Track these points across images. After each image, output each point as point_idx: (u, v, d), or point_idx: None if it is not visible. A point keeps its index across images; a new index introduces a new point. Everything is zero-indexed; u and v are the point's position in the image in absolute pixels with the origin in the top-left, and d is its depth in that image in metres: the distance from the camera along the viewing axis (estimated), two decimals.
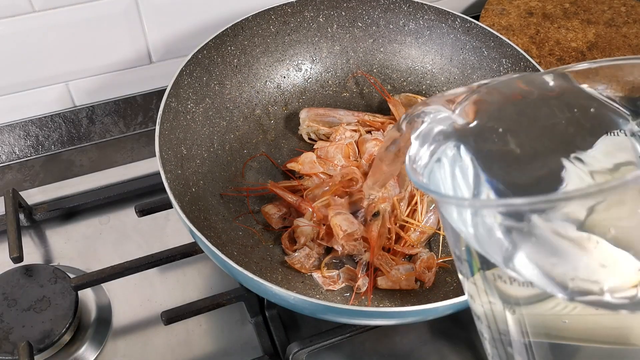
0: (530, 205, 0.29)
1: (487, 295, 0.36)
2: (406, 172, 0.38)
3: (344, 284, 0.67)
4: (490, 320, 0.37)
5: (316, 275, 0.67)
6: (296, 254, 0.68)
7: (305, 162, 0.75)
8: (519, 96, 0.40)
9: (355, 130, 0.79)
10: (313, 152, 0.77)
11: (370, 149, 0.76)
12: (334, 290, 0.67)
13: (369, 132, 0.80)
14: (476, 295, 0.37)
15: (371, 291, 0.66)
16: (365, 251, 0.68)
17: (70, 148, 0.89)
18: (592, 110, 0.37)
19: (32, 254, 0.77)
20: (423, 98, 0.84)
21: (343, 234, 0.67)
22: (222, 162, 0.77)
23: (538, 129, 0.38)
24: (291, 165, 0.76)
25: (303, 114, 0.81)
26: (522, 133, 0.38)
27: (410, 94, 0.84)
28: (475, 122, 0.39)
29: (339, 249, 0.68)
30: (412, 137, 0.40)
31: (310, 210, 0.70)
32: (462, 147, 0.38)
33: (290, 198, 0.72)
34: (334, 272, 0.68)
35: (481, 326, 0.39)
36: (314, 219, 0.70)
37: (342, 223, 0.67)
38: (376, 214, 0.70)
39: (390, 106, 0.82)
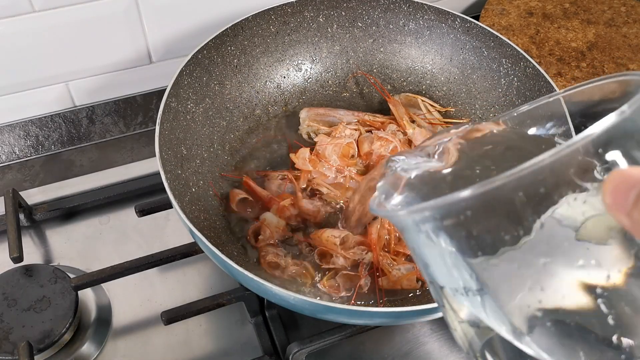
0: (482, 192, 0.27)
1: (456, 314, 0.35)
2: (369, 208, 0.37)
3: (350, 291, 0.67)
4: (466, 344, 0.36)
5: (321, 286, 0.67)
6: (270, 248, 0.68)
7: (299, 157, 0.75)
8: (496, 139, 0.38)
9: (355, 129, 0.79)
10: (313, 147, 0.77)
11: (377, 150, 0.76)
12: (342, 297, 0.67)
13: (369, 131, 0.80)
14: (451, 319, 0.36)
15: (378, 292, 0.66)
16: (366, 252, 0.68)
17: (70, 148, 0.89)
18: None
19: (32, 254, 0.77)
20: (423, 98, 0.84)
21: (340, 241, 0.66)
22: (222, 162, 0.77)
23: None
24: (291, 156, 0.77)
25: (303, 114, 0.81)
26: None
27: (410, 94, 0.84)
28: (450, 168, 0.37)
29: (341, 262, 0.67)
30: (381, 183, 0.38)
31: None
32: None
33: (261, 192, 0.73)
34: (333, 280, 0.67)
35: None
36: (281, 213, 0.70)
37: (333, 233, 0.67)
38: (375, 217, 0.70)
39: (391, 106, 0.82)
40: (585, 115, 0.37)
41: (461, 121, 0.83)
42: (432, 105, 0.83)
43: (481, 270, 0.31)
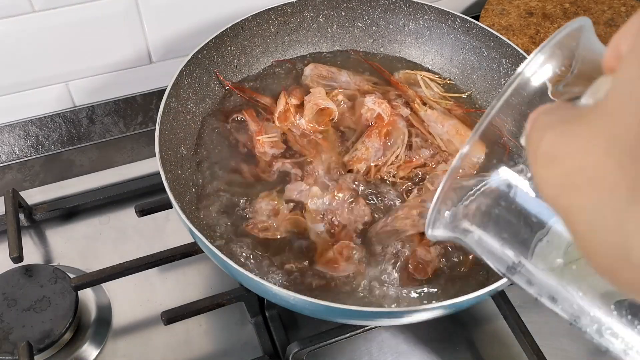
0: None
1: None
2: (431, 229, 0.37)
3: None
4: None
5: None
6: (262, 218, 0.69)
7: (277, 106, 0.77)
8: None
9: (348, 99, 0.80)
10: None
11: (364, 114, 0.77)
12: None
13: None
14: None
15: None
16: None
17: (70, 148, 0.89)
18: None
19: (32, 254, 0.77)
20: (423, 73, 0.84)
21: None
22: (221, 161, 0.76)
23: None
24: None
25: (307, 71, 0.82)
26: None
27: (408, 71, 0.84)
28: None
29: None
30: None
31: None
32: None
33: (252, 121, 0.76)
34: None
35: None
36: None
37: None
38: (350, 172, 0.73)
39: (398, 90, 0.82)
40: None
41: (462, 95, 0.83)
42: (431, 80, 0.83)
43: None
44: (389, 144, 0.75)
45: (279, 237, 0.67)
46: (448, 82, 0.85)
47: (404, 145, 0.76)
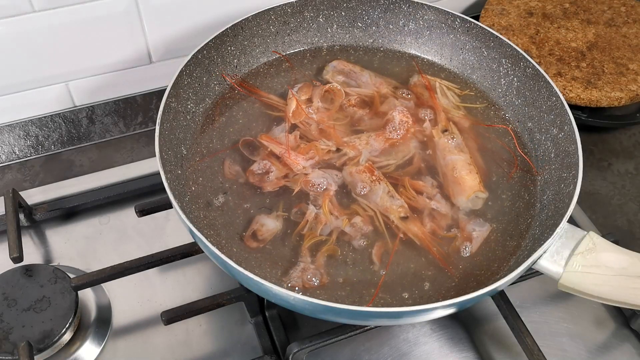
0: None
1: None
2: None
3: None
4: None
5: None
6: (293, 274, 0.66)
7: (288, 107, 0.77)
8: None
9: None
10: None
11: (397, 117, 0.77)
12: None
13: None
14: None
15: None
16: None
17: (70, 148, 0.89)
18: None
19: (32, 254, 0.77)
20: (441, 80, 0.83)
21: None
22: (221, 159, 0.76)
23: None
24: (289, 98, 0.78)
25: (331, 66, 0.83)
26: None
27: (429, 76, 0.83)
28: None
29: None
30: None
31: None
32: None
33: (275, 145, 0.74)
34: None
35: None
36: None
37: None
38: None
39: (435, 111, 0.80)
40: None
41: (477, 106, 0.82)
42: (449, 88, 0.82)
43: None
44: (389, 152, 0.75)
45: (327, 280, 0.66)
46: (467, 93, 0.82)
47: (401, 161, 0.74)
